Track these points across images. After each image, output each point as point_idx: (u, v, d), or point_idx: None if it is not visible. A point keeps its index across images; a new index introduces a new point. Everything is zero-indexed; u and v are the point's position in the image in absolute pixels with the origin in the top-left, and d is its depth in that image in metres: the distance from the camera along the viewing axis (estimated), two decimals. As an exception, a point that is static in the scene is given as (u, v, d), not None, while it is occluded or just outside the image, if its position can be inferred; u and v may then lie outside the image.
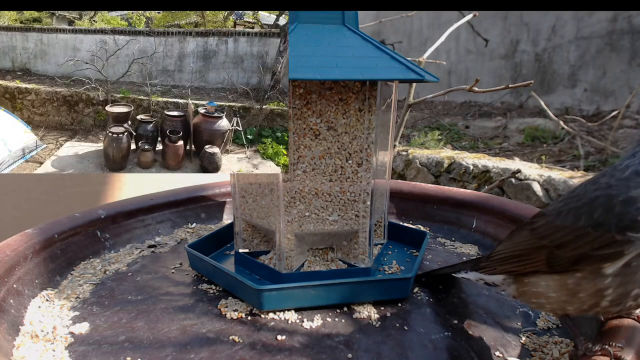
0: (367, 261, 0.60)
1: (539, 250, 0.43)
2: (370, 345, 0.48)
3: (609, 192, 0.38)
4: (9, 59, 0.83)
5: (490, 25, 3.70)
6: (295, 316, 0.53)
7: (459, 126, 3.45)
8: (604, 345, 0.39)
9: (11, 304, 0.51)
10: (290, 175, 0.55)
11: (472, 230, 0.76)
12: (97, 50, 0.80)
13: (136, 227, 0.76)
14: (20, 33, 0.82)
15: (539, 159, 2.24)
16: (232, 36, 0.81)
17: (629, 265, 0.36)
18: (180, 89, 0.81)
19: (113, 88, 0.78)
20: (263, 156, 0.70)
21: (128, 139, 0.68)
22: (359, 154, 0.56)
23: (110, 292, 0.59)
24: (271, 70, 0.78)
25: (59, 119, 0.79)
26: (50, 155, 0.69)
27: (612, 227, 0.37)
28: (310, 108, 0.54)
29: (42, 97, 0.78)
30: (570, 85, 3.23)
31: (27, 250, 0.58)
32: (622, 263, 0.37)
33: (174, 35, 0.81)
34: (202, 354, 0.46)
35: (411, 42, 4.56)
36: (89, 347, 0.47)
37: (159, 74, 0.80)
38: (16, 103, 0.77)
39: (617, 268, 0.37)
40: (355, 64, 0.50)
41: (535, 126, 3.00)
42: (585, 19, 3.07)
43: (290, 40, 0.51)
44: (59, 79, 0.81)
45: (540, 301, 0.43)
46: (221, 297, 0.57)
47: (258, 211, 0.60)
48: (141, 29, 0.80)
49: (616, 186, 0.38)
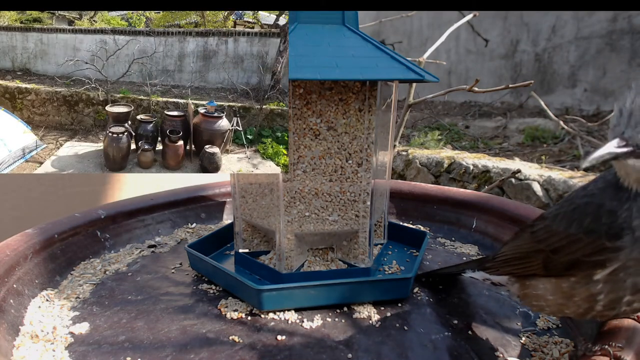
0: (367, 261, 0.60)
1: (537, 253, 0.43)
2: (370, 345, 0.48)
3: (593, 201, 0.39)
4: (9, 59, 0.83)
5: (490, 25, 3.70)
6: (295, 316, 0.53)
7: (459, 126, 3.45)
8: (603, 345, 0.39)
9: (11, 304, 0.51)
10: (290, 175, 0.55)
11: (472, 230, 0.76)
12: (97, 50, 0.80)
13: (136, 227, 0.76)
14: (20, 33, 0.82)
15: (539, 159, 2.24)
16: (232, 36, 0.81)
17: (618, 272, 0.37)
18: (180, 89, 0.81)
19: (113, 88, 0.78)
20: (263, 156, 0.70)
21: (128, 139, 0.68)
22: (359, 154, 0.56)
23: (110, 292, 0.59)
24: (271, 70, 0.78)
25: (59, 119, 0.79)
26: (50, 155, 0.69)
27: (602, 234, 0.37)
28: (310, 108, 0.54)
29: (42, 97, 0.78)
30: (570, 85, 3.23)
31: (27, 250, 0.58)
32: (610, 270, 0.37)
33: (174, 35, 0.81)
34: (202, 354, 0.46)
35: (411, 42, 4.56)
36: (89, 347, 0.47)
37: (159, 74, 0.80)
38: (16, 103, 0.77)
39: (605, 275, 0.37)
40: (355, 64, 0.50)
41: (535, 126, 3.00)
42: (585, 19, 3.07)
43: (290, 40, 0.51)
44: (59, 79, 0.81)
45: (540, 304, 0.44)
46: (221, 297, 0.57)
47: (258, 211, 0.60)
48: (141, 29, 0.80)
49: (598, 195, 0.39)
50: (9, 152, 0.65)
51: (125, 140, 0.68)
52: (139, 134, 0.70)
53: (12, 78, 0.80)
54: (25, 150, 0.67)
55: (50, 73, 0.83)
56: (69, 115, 0.78)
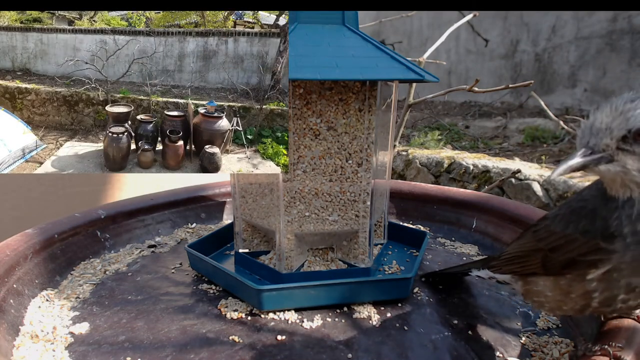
0: (367, 261, 0.60)
1: (537, 252, 0.44)
2: (370, 345, 0.48)
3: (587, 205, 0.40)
4: (9, 59, 0.83)
5: (490, 25, 3.70)
6: (295, 316, 0.53)
7: (459, 126, 3.45)
8: (603, 345, 0.39)
9: (11, 304, 0.51)
10: (290, 175, 0.55)
11: (472, 230, 0.76)
12: (97, 50, 0.80)
13: (136, 227, 0.76)
14: (20, 33, 0.82)
15: (539, 159, 2.23)
16: (232, 36, 0.81)
17: (612, 273, 0.38)
18: (180, 89, 0.81)
19: (113, 88, 0.78)
20: (263, 156, 0.70)
21: (128, 139, 0.68)
22: (359, 154, 0.56)
23: (110, 292, 0.59)
24: (271, 70, 0.78)
25: (59, 119, 0.79)
26: (50, 155, 0.69)
27: (597, 235, 0.38)
28: (310, 108, 0.54)
29: (42, 97, 0.78)
30: (570, 85, 3.23)
31: (27, 250, 0.58)
32: (603, 271, 0.38)
33: (174, 35, 0.81)
34: (202, 354, 0.46)
35: (411, 42, 4.56)
36: (89, 347, 0.47)
37: (159, 74, 0.80)
38: (16, 103, 0.77)
39: (599, 274, 0.38)
40: (355, 64, 0.50)
41: (535, 126, 3.00)
42: (585, 19, 3.07)
43: (290, 40, 0.51)
44: (59, 79, 0.81)
45: (540, 299, 0.45)
46: (221, 297, 0.57)
47: (258, 211, 0.60)
48: (141, 29, 0.80)
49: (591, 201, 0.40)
50: (9, 152, 0.65)
51: (125, 140, 0.68)
52: (139, 134, 0.70)
53: (12, 78, 0.80)
54: (25, 150, 0.67)
55: (50, 73, 0.83)
56: (69, 115, 0.78)
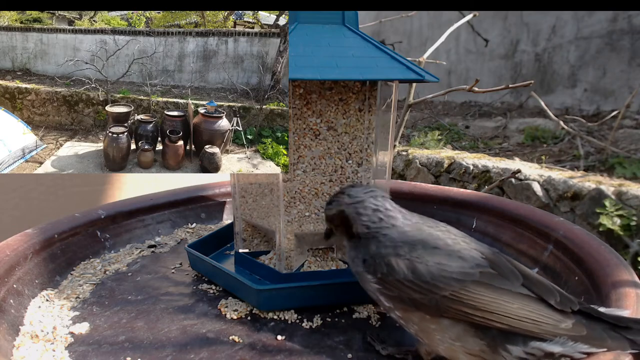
0: (367, 261, 0.59)
1: None
2: (370, 345, 0.48)
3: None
4: (9, 59, 0.83)
5: (490, 25, 3.70)
6: (295, 316, 0.53)
7: (459, 126, 3.45)
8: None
9: (11, 304, 0.51)
10: (290, 175, 0.55)
11: (472, 230, 0.76)
12: (97, 50, 0.80)
13: (136, 227, 0.76)
14: (20, 33, 0.82)
15: (539, 159, 2.23)
16: (232, 36, 0.81)
17: None
18: (180, 89, 0.81)
19: (113, 88, 0.78)
20: (263, 156, 0.70)
21: (128, 139, 0.68)
22: (359, 154, 0.56)
23: (110, 292, 0.59)
24: (271, 70, 0.78)
25: (59, 119, 0.79)
26: (50, 155, 0.69)
27: None
28: (310, 108, 0.54)
29: (42, 97, 0.78)
30: (570, 85, 3.23)
31: (27, 250, 0.58)
32: None
33: (174, 35, 0.81)
34: (202, 354, 0.46)
35: (411, 42, 4.56)
36: (89, 347, 0.47)
37: (159, 74, 0.80)
38: (16, 103, 0.77)
39: None
40: (355, 64, 0.50)
41: (535, 126, 3.00)
42: (585, 19, 3.07)
43: (290, 40, 0.51)
44: (59, 79, 0.81)
45: None
46: (221, 297, 0.57)
47: (258, 211, 0.60)
48: (141, 29, 0.80)
49: None
50: (9, 152, 0.65)
51: (125, 140, 0.68)
52: (139, 134, 0.70)
53: (12, 78, 0.80)
54: (25, 150, 0.67)
55: (50, 73, 0.83)
56: (69, 115, 0.78)
